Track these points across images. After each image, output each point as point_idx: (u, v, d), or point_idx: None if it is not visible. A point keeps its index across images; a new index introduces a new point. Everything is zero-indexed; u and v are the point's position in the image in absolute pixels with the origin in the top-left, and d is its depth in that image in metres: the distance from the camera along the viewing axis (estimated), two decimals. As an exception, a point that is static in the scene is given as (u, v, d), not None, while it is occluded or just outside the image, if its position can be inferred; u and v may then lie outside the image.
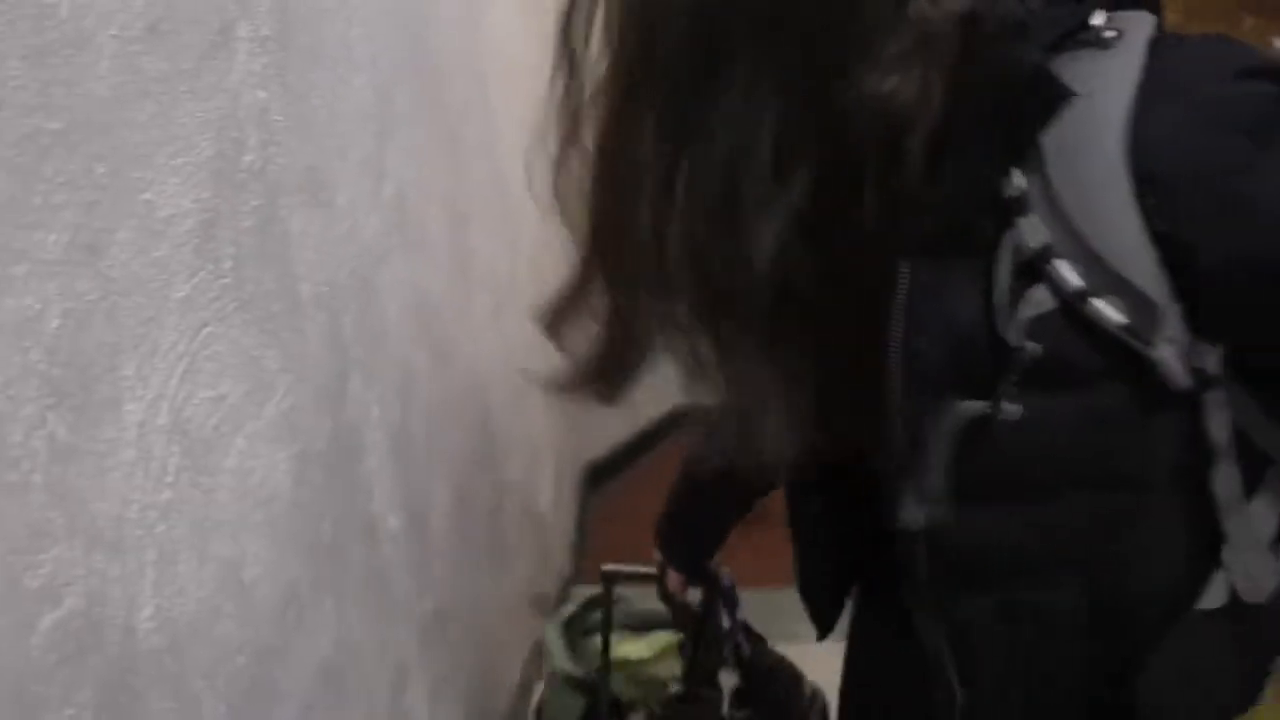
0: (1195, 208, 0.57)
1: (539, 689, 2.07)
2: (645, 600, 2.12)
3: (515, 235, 2.49)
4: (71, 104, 0.69)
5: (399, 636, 1.49)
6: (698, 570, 1.45)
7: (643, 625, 2.03)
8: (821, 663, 3.17)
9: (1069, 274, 0.58)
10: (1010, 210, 0.59)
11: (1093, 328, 0.59)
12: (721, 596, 1.52)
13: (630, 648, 1.97)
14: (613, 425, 3.82)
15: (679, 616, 1.59)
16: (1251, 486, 0.65)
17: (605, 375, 0.71)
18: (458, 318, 1.88)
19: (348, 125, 1.25)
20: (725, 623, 1.56)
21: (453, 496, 1.81)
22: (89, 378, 0.71)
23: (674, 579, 1.44)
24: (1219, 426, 0.62)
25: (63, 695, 0.68)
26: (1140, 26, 0.60)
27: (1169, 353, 0.58)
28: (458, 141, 1.85)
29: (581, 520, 3.94)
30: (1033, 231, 0.59)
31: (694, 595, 1.50)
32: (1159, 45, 0.59)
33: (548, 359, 2.61)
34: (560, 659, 1.95)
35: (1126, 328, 0.58)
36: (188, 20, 0.84)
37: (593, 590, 3.47)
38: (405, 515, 1.51)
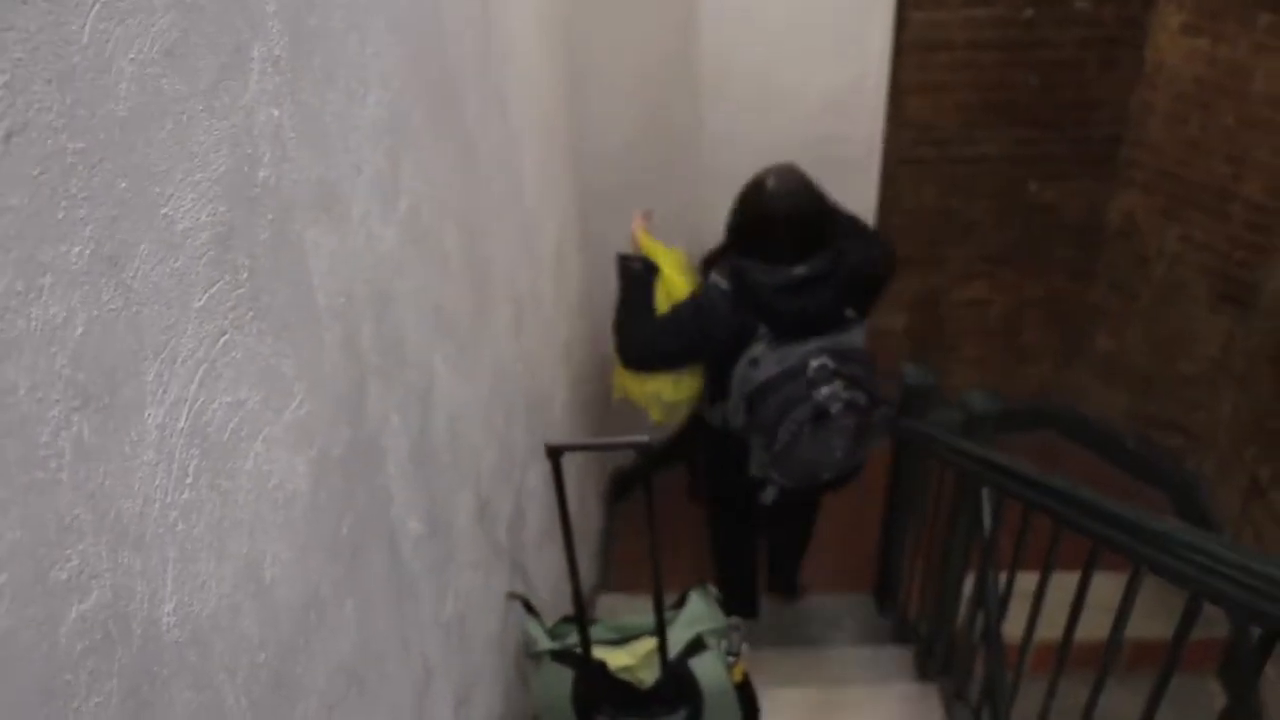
0: None
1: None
2: (625, 614, 2.17)
3: (534, 246, 2.53)
4: (94, 124, 0.73)
5: (422, 639, 1.52)
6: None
7: (623, 637, 2.09)
8: (835, 665, 3.19)
9: None
10: None
11: None
12: None
13: (613, 657, 2.01)
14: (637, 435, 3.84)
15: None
16: None
17: None
18: (477, 328, 1.92)
19: (361, 141, 1.29)
20: None
21: (474, 504, 1.84)
22: (113, 382, 0.75)
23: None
24: None
25: (90, 683, 0.72)
26: None
27: None
28: (474, 154, 1.89)
29: (606, 529, 3.98)
30: None
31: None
32: None
33: (569, 368, 2.69)
34: (544, 642, 2.00)
35: None
36: (203, 43, 0.89)
37: (618, 598, 3.51)
38: (426, 521, 1.55)
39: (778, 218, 2.57)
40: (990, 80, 3.87)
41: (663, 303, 2.74)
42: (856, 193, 4.00)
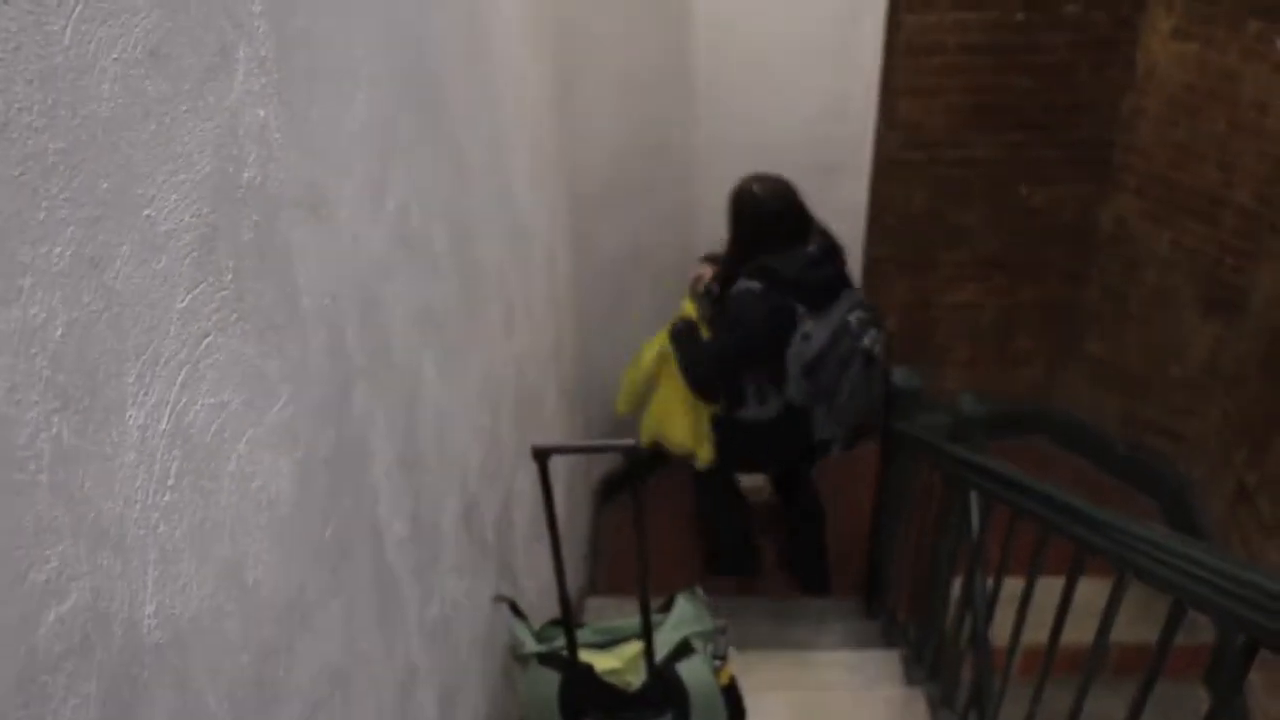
0: None
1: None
2: (613, 616, 2.18)
3: (524, 245, 2.53)
4: (75, 125, 0.73)
5: (407, 640, 1.52)
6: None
7: (610, 641, 2.09)
8: (823, 669, 3.19)
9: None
10: None
11: None
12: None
13: (600, 661, 2.01)
14: (625, 438, 3.83)
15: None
16: None
17: None
18: (466, 329, 1.92)
19: (349, 142, 1.29)
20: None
21: (461, 505, 1.84)
22: (94, 383, 0.75)
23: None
24: None
25: (68, 685, 0.72)
26: None
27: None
28: (463, 156, 1.89)
29: (595, 532, 3.98)
30: None
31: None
32: None
33: (559, 368, 2.69)
34: (531, 644, 2.00)
35: None
36: (187, 44, 0.88)
37: (606, 600, 3.51)
38: (412, 522, 1.55)
39: (777, 214, 3.00)
40: (982, 83, 3.87)
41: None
42: (847, 195, 4.00)
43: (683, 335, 3.22)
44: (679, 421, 3.32)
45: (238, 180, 0.98)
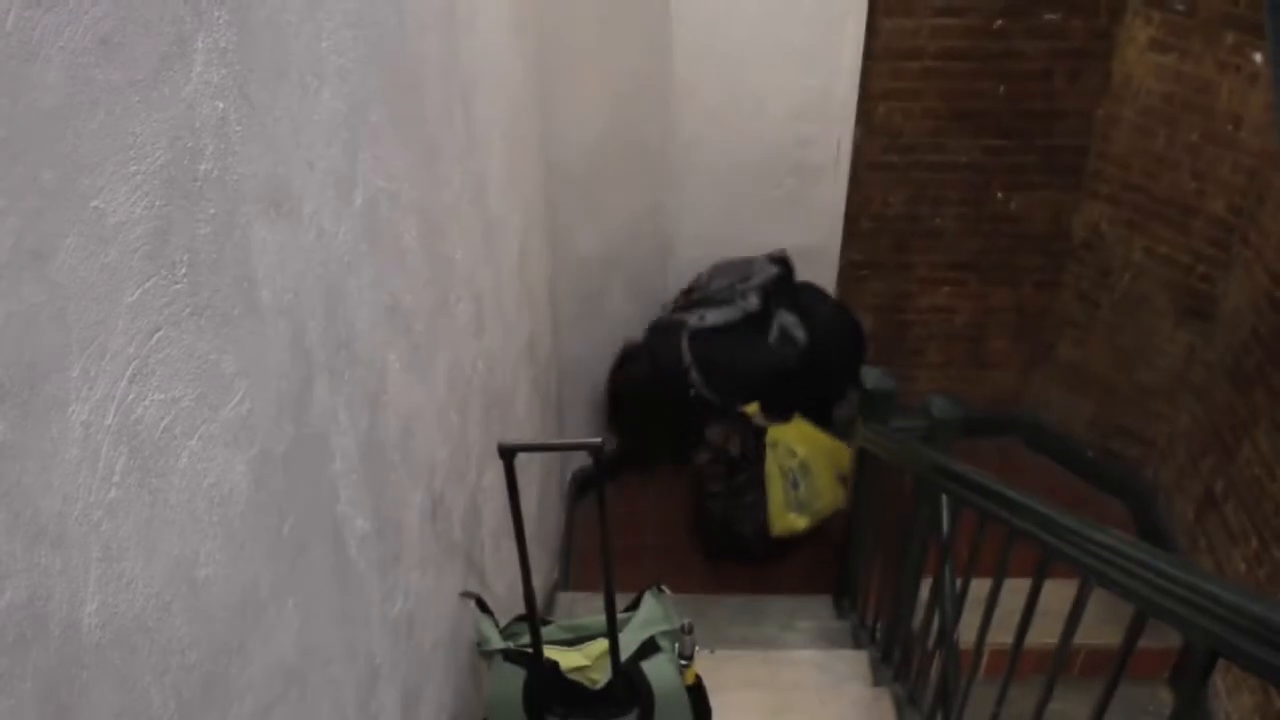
0: None
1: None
2: (583, 613, 2.17)
3: (498, 243, 2.51)
4: (16, 114, 0.71)
5: (368, 636, 1.51)
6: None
7: (578, 638, 2.08)
8: (790, 668, 3.18)
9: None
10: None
11: None
12: None
13: (566, 658, 2.00)
14: (599, 435, 3.84)
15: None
16: None
17: None
18: (434, 325, 1.90)
19: (315, 136, 1.27)
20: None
21: (426, 502, 1.83)
22: (34, 378, 0.73)
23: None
24: None
25: (1, 686, 0.70)
26: None
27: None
28: (436, 152, 1.87)
29: (568, 528, 3.97)
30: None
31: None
32: None
33: (532, 367, 2.67)
34: (496, 641, 1.99)
35: None
36: (142, 32, 0.87)
37: (576, 596, 3.50)
38: (374, 519, 1.53)
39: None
40: (959, 89, 3.88)
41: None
42: (825, 197, 4.01)
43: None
44: (828, 487, 3.87)
45: (194, 173, 0.96)
